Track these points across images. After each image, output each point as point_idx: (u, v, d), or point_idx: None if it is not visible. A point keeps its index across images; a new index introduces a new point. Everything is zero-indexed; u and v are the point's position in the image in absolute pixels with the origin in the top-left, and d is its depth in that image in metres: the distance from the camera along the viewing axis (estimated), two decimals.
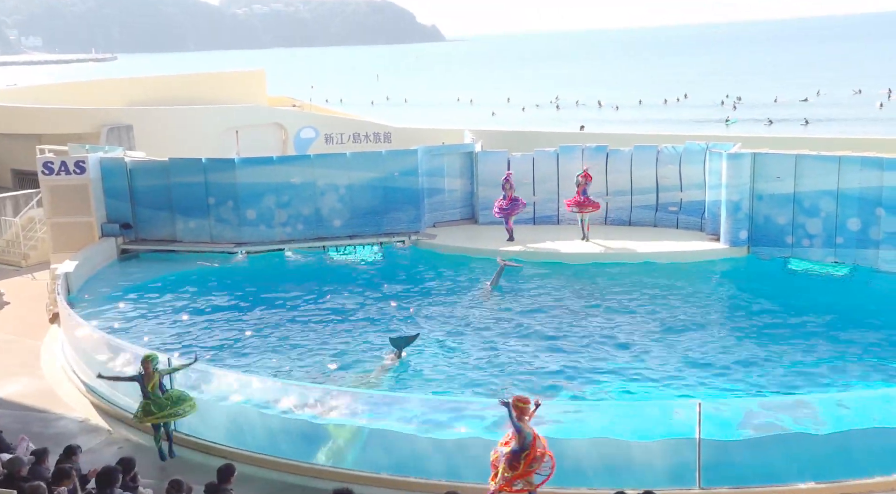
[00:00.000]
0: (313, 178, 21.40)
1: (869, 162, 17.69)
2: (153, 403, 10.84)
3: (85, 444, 11.06)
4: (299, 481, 10.63)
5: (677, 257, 19.30)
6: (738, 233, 19.29)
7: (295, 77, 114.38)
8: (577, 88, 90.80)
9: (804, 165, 18.43)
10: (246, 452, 11.07)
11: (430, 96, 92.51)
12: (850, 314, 15.87)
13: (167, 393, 10.99)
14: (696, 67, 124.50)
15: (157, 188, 21.24)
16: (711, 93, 76.48)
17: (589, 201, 20.28)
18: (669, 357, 14.21)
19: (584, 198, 20.26)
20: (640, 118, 61.39)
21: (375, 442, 10.69)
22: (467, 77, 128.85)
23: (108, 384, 12.82)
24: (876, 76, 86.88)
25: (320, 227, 21.52)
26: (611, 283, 18.20)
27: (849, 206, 17.93)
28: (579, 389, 13.03)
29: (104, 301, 17.68)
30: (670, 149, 21.59)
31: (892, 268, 17.46)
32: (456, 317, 16.53)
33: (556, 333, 15.49)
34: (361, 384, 13.29)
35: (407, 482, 10.25)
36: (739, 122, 56.28)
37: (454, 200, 22.92)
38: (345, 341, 15.46)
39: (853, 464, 9.73)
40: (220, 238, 21.26)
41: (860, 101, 67.64)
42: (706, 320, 15.98)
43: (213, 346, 15.30)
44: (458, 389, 13.16)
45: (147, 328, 16.28)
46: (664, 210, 21.67)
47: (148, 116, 30.92)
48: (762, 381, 13.06)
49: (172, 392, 11.08)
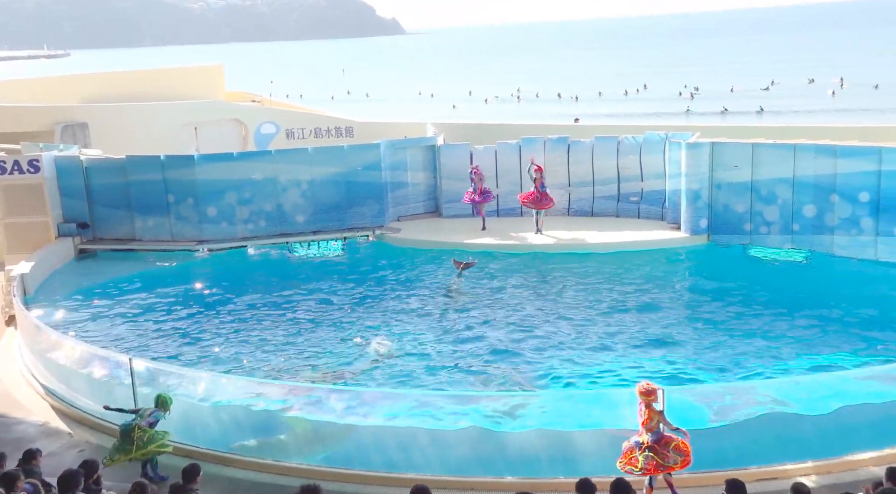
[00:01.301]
0: (275, 173, 21.21)
1: (823, 150, 18.06)
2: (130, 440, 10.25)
3: (45, 448, 10.83)
4: (266, 479, 10.55)
5: (639, 246, 19.54)
6: (698, 221, 19.57)
7: (254, 72, 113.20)
8: (538, 80, 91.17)
9: (761, 153, 18.76)
10: (212, 451, 10.95)
11: (391, 90, 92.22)
12: (807, 298, 16.22)
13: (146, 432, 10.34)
14: (653, 58, 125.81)
15: (114, 186, 20.91)
16: (670, 84, 77.40)
17: (547, 196, 20.35)
18: (632, 344, 14.39)
19: (542, 193, 20.33)
20: (602, 111, 61.89)
21: (342, 438, 10.66)
22: (428, 70, 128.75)
23: (68, 387, 12.60)
24: (828, 65, 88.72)
25: (283, 223, 21.35)
26: (574, 273, 18.36)
27: (804, 193, 18.29)
28: (556, 380, 13.14)
29: (62, 302, 17.36)
30: (630, 139, 21.82)
31: (846, 253, 17.88)
32: (421, 310, 16.53)
33: (522, 324, 15.57)
34: (326, 379, 13.24)
35: (375, 477, 10.24)
36: (697, 113, 57.09)
37: (418, 193, 22.90)
38: (309, 337, 15.38)
39: (811, 447, 9.94)
40: (181, 236, 20.99)
41: (813, 90, 69.01)
42: (668, 307, 16.19)
43: (175, 345, 15.13)
44: (425, 382, 13.17)
45: (107, 328, 16.02)
46: (626, 200, 21.90)
47: (103, 113, 30.34)
48: (725, 365, 13.28)
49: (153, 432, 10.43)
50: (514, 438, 10.15)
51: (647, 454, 8.75)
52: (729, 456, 9.79)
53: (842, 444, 9.87)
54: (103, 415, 11.78)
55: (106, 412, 11.64)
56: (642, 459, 8.76)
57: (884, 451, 9.80)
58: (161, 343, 15.25)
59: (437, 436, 10.27)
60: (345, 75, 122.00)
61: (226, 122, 32.74)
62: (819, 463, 9.70)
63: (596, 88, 77.45)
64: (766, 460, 9.77)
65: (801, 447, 9.92)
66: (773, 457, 9.80)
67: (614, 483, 7.29)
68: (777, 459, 9.78)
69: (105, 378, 12.13)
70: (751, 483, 8.21)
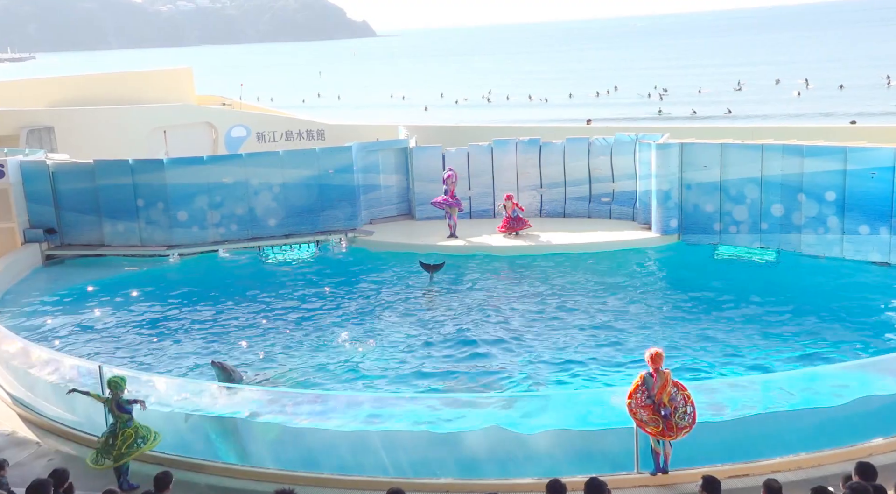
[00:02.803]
0: (246, 177, 21.06)
1: (790, 150, 18.33)
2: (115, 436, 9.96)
3: (13, 458, 10.65)
4: (239, 484, 10.44)
5: (611, 247, 19.69)
6: (669, 221, 19.76)
7: (224, 75, 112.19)
8: (509, 83, 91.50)
9: (729, 153, 18.99)
10: (184, 458, 10.83)
11: (362, 92, 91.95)
12: (777, 296, 16.43)
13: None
14: (621, 60, 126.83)
15: (82, 191, 20.64)
16: (639, 85, 78.05)
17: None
18: (604, 344, 14.48)
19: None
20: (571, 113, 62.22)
21: (316, 442, 10.59)
22: (399, 72, 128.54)
23: (36, 395, 12.38)
24: (794, 66, 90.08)
25: (255, 227, 21.20)
26: (547, 273, 18.44)
27: (772, 192, 18.55)
28: (526, 380, 13.16)
29: (29, 309, 17.09)
30: (601, 141, 21.98)
31: (814, 251, 18.16)
32: (394, 312, 16.51)
33: (495, 325, 15.61)
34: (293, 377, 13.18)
35: (351, 480, 10.19)
36: (666, 114, 57.62)
37: (390, 196, 22.88)
38: (283, 341, 15.28)
39: (782, 444, 10.07)
40: (151, 241, 20.76)
41: (779, 90, 70.00)
42: (639, 306, 16.32)
43: (145, 351, 14.95)
44: (399, 385, 13.15)
45: (75, 335, 15.78)
46: (597, 201, 22.05)
47: (70, 117, 29.88)
48: (696, 364, 13.41)
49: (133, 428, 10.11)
50: (465, 437, 10.12)
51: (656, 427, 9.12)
52: (702, 454, 9.89)
53: (813, 440, 10.01)
54: (73, 424, 11.61)
55: (76, 421, 11.48)
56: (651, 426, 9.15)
57: (854, 446, 9.95)
58: (130, 350, 15.06)
59: (398, 438, 10.22)
60: (311, 78, 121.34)
61: (196, 125, 32.38)
62: (791, 459, 9.83)
63: (566, 90, 77.86)
64: (739, 456, 9.88)
65: (773, 443, 10.04)
66: (745, 454, 9.91)
67: (588, 483, 7.31)
68: (750, 456, 9.89)
69: (74, 386, 11.91)
70: (724, 479, 8.30)
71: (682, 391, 9.28)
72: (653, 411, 9.15)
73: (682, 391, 9.28)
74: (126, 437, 9.94)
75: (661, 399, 9.14)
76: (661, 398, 9.14)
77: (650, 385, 9.24)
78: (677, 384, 9.28)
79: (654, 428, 9.18)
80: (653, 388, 9.21)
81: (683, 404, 9.20)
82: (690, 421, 9.20)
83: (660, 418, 9.13)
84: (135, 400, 10.14)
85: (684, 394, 9.26)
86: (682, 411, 9.16)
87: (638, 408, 9.20)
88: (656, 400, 9.15)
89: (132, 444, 9.95)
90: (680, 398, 9.21)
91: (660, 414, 9.13)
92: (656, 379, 9.22)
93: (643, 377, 9.31)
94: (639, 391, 9.27)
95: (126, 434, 9.97)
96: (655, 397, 9.16)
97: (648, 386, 9.24)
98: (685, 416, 9.17)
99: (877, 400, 10.31)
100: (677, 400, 9.18)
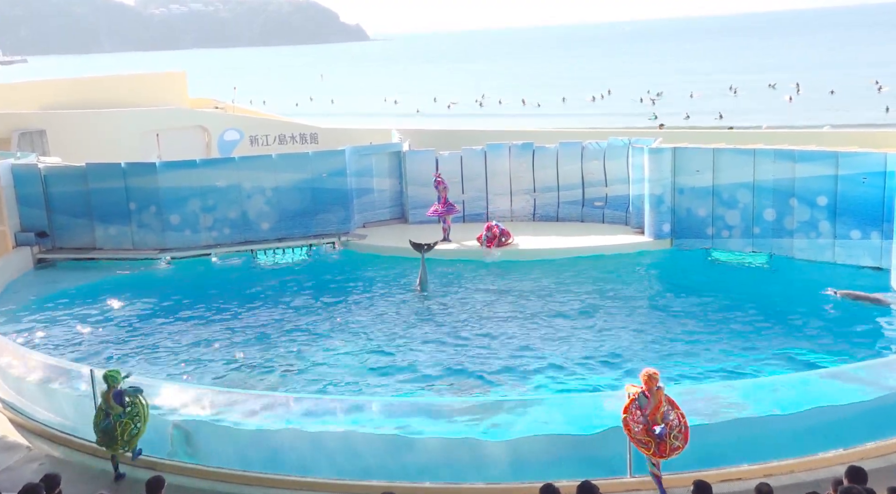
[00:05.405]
0: (239, 180, 21.03)
1: (782, 154, 18.41)
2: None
3: (2, 462, 10.61)
4: (232, 490, 10.40)
5: (604, 251, 19.72)
6: (662, 226, 19.80)
7: (217, 78, 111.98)
8: (502, 86, 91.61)
9: (722, 158, 19.06)
10: (175, 462, 10.78)
11: (355, 96, 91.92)
12: (769, 300, 16.48)
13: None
14: (615, 65, 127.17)
15: (74, 195, 20.58)
16: (633, 89, 78.24)
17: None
18: (598, 348, 14.49)
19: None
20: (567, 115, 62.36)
21: (306, 445, 10.56)
22: (393, 76, 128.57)
23: (27, 399, 12.30)
24: (786, 70, 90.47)
25: (248, 230, 21.16)
26: (539, 278, 18.44)
27: (764, 197, 18.62)
28: (521, 385, 13.15)
29: (20, 313, 17.01)
30: (594, 145, 22.02)
31: (805, 256, 18.22)
32: (388, 316, 16.49)
33: (487, 329, 15.61)
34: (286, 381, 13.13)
35: (344, 484, 10.16)
36: (660, 117, 57.76)
37: (383, 199, 22.87)
38: (275, 346, 15.24)
39: (774, 448, 10.09)
40: (143, 244, 20.71)
41: (772, 95, 70.30)
42: (632, 311, 16.35)
43: (136, 355, 14.89)
44: (386, 388, 13.13)
45: (66, 339, 15.71)
46: (590, 205, 22.09)
47: (62, 120, 29.76)
48: (687, 371, 13.42)
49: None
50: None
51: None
52: (694, 458, 9.89)
53: (804, 444, 10.03)
54: (63, 428, 11.55)
55: (66, 425, 11.42)
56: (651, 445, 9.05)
57: (847, 450, 9.98)
58: (121, 354, 14.99)
59: (406, 445, 10.20)
60: (309, 81, 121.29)
61: (188, 128, 32.31)
62: (782, 463, 9.85)
63: (559, 94, 78.01)
64: (730, 461, 9.89)
65: (764, 447, 10.06)
66: (737, 458, 9.92)
67: (580, 487, 7.31)
68: (742, 460, 9.90)
69: (65, 390, 11.87)
70: (716, 483, 8.30)
71: (676, 408, 9.17)
72: (646, 431, 9.09)
73: (676, 408, 9.17)
74: (124, 426, 10.23)
75: (655, 419, 9.08)
76: (655, 418, 9.08)
77: (643, 404, 9.16)
78: (671, 402, 9.18)
79: (646, 450, 9.11)
80: (646, 408, 9.12)
81: (678, 422, 9.11)
82: (682, 442, 9.12)
83: (652, 439, 9.06)
84: (134, 387, 10.37)
85: (678, 413, 9.15)
86: (675, 431, 9.07)
87: (632, 423, 9.11)
88: (650, 420, 9.08)
89: (133, 429, 10.27)
90: (673, 417, 9.12)
91: (653, 435, 9.06)
92: (650, 400, 9.16)
93: (637, 395, 9.22)
94: (633, 406, 9.19)
95: (123, 424, 10.23)
96: (649, 416, 9.08)
97: (642, 405, 9.15)
98: (679, 435, 9.09)
99: (865, 405, 10.34)
100: (670, 418, 9.10)
